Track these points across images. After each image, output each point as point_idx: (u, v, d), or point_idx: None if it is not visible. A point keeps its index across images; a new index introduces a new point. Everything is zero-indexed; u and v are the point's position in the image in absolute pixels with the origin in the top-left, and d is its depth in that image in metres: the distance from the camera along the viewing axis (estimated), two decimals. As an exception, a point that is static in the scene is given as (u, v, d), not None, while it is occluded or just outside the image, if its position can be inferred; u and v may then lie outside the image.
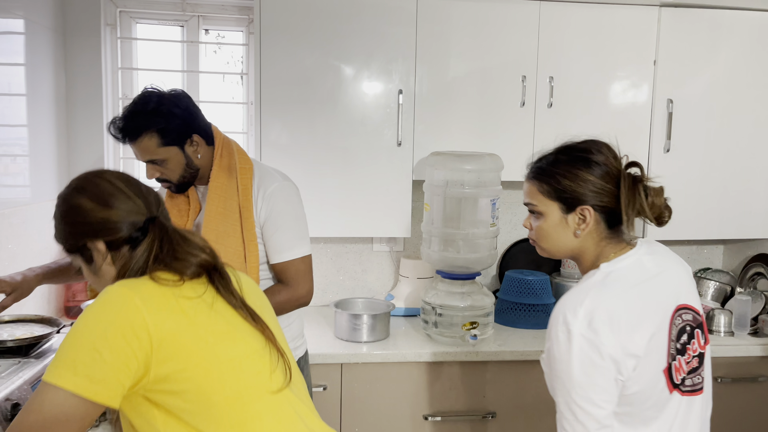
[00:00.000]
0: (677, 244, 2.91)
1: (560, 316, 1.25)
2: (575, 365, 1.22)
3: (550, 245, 1.36)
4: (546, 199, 1.33)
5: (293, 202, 1.77)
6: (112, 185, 1.08)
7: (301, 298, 1.75)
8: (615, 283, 1.27)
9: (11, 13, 2.15)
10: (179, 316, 0.99)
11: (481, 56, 2.38)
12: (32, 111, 2.29)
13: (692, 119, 2.48)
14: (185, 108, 1.67)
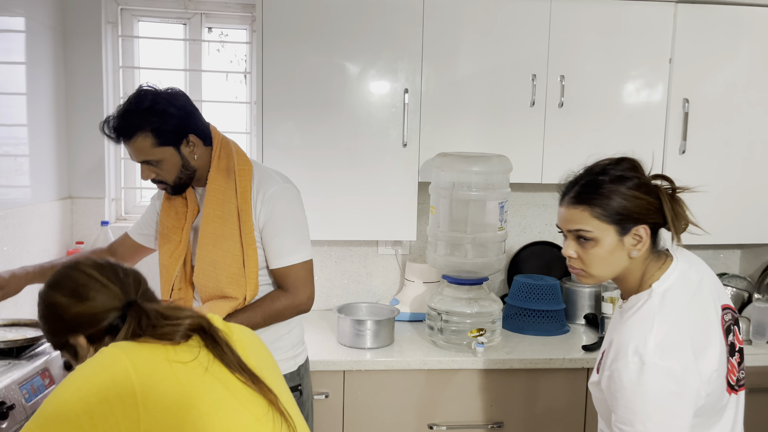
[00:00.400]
0: (692, 249, 2.81)
1: (629, 346, 1.22)
2: (651, 396, 1.19)
3: (602, 271, 1.29)
4: (601, 223, 1.26)
5: (293, 206, 1.70)
6: (85, 276, 1.06)
7: (302, 304, 1.69)
8: (673, 303, 1.26)
9: (11, 11, 2.11)
10: (172, 382, 0.94)
11: (489, 55, 2.31)
12: (32, 110, 2.25)
13: (709, 120, 2.39)
14: (181, 107, 1.61)
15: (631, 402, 1.21)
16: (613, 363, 1.24)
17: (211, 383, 0.97)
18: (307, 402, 1.79)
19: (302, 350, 1.81)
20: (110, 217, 2.55)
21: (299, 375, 1.76)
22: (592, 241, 1.27)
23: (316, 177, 2.28)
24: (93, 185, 2.51)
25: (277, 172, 1.77)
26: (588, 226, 1.27)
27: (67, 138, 2.47)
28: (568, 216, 1.30)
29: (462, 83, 2.31)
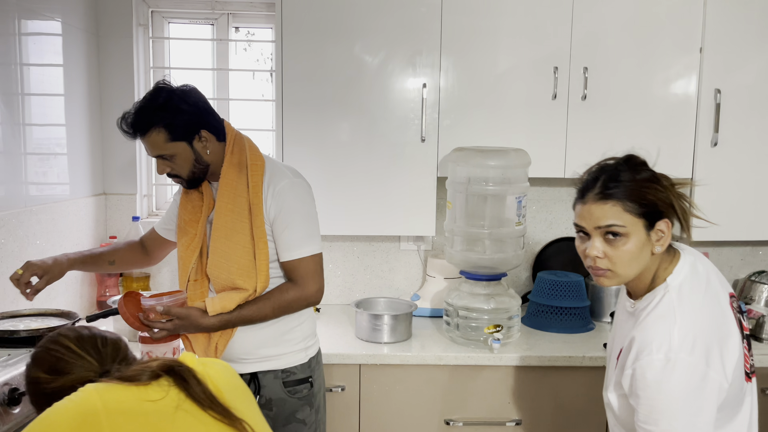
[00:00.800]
0: (728, 246, 2.71)
1: (653, 343, 1.20)
2: (677, 393, 1.18)
3: (629, 270, 1.26)
4: (632, 217, 1.24)
5: (303, 200, 1.73)
6: (64, 349, 1.10)
7: (310, 297, 1.72)
8: (691, 297, 1.24)
9: (48, 16, 2.22)
10: (140, 418, 0.97)
11: (509, 48, 2.28)
12: (69, 110, 2.36)
13: (742, 110, 2.29)
14: (193, 104, 1.66)
15: (656, 400, 1.19)
16: (636, 361, 1.22)
17: (182, 419, 1.00)
18: (318, 393, 1.81)
19: (313, 343, 1.83)
20: (141, 212, 2.65)
21: (310, 367, 1.78)
22: (623, 237, 1.24)
23: (336, 172, 2.30)
24: (125, 182, 2.61)
25: (288, 167, 1.79)
26: (620, 221, 1.23)
27: (101, 137, 2.57)
28: (598, 213, 1.25)
29: (481, 77, 2.29)
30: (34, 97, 2.14)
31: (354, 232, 2.37)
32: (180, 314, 1.64)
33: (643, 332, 1.23)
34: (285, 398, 1.73)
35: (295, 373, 1.75)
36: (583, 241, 1.30)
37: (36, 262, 1.75)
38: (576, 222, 1.31)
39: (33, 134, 2.13)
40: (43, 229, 2.11)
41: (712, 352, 1.21)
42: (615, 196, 1.24)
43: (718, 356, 1.21)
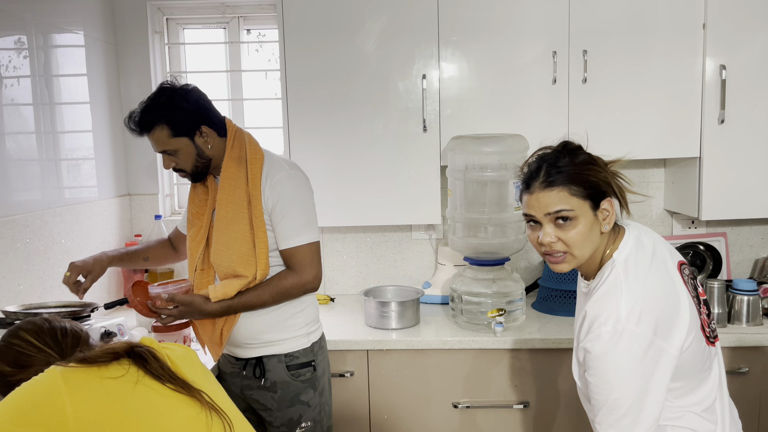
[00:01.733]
0: (747, 224, 2.66)
1: (600, 317, 1.24)
2: (626, 364, 1.22)
3: (584, 251, 1.30)
4: (579, 200, 1.28)
5: (300, 190, 1.79)
6: (25, 343, 1.16)
7: (308, 283, 1.78)
8: (636, 269, 1.28)
9: (71, 30, 2.37)
10: (102, 395, 1.04)
11: (506, 33, 2.29)
12: (95, 117, 2.51)
13: (749, 86, 2.25)
14: (194, 101, 1.75)
15: (605, 371, 1.23)
16: (587, 335, 1.26)
17: (143, 393, 1.08)
18: (322, 377, 1.87)
19: (316, 328, 1.89)
20: (164, 211, 2.78)
21: (312, 351, 1.85)
22: (573, 220, 1.28)
23: (342, 165, 2.37)
24: (148, 183, 2.75)
25: (286, 160, 1.87)
26: (568, 205, 1.27)
27: (123, 141, 2.72)
28: (545, 200, 1.29)
29: (480, 65, 2.31)
30: (64, 107, 2.30)
31: (363, 223, 2.43)
32: (184, 301, 1.74)
33: (593, 307, 1.27)
34: (289, 381, 1.81)
35: (297, 357, 1.82)
36: (534, 231, 1.33)
37: (78, 263, 1.90)
38: (525, 212, 1.34)
39: (64, 142, 2.29)
40: (67, 229, 2.25)
41: (660, 322, 1.23)
42: (559, 181, 1.28)
43: (666, 325, 1.23)
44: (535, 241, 1.33)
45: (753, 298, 2.18)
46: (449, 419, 2.19)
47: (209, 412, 1.12)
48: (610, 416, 1.24)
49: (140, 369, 1.10)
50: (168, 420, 1.07)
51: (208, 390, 1.16)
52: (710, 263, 2.56)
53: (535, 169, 1.32)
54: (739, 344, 2.11)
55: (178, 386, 1.11)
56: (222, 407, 1.16)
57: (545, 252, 1.32)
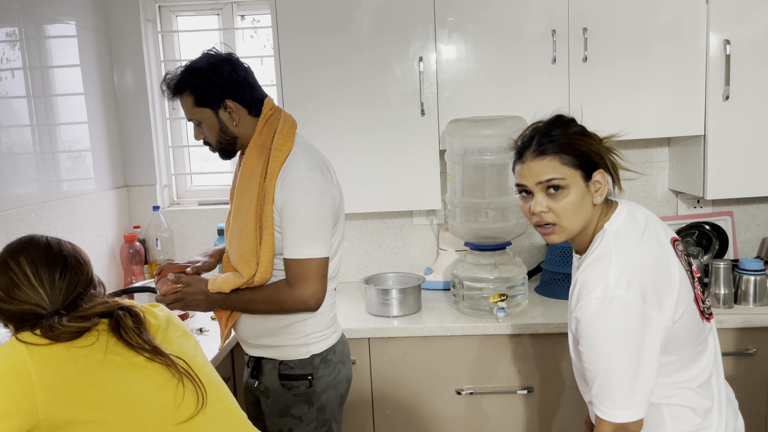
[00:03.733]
0: (754, 203, 2.61)
1: (590, 284, 1.23)
2: (616, 330, 1.21)
3: (574, 222, 1.29)
4: (570, 169, 1.27)
5: (309, 198, 1.61)
6: (20, 273, 1.13)
7: (303, 302, 1.62)
8: (627, 239, 1.27)
9: (63, 20, 2.33)
10: (68, 364, 1.03)
11: (504, 14, 2.24)
12: (90, 108, 2.48)
13: (754, 61, 2.19)
14: (226, 73, 1.64)
15: (595, 338, 1.22)
16: (577, 303, 1.25)
17: (111, 361, 1.07)
18: (322, 394, 1.70)
19: (319, 340, 1.71)
20: (162, 202, 2.76)
21: (312, 365, 1.69)
22: (564, 189, 1.27)
23: (340, 152, 2.33)
24: (146, 173, 2.72)
25: (314, 159, 1.67)
26: (560, 174, 1.27)
27: (119, 131, 2.69)
28: (537, 169, 1.28)
29: (478, 46, 2.26)
30: (59, 98, 2.27)
31: (363, 210, 2.39)
32: (187, 281, 1.69)
33: (582, 275, 1.26)
34: (279, 390, 1.69)
35: (292, 367, 1.69)
36: (526, 201, 1.33)
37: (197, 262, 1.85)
38: (517, 182, 1.34)
39: (59, 134, 2.26)
40: (63, 222, 2.23)
41: (650, 289, 1.22)
42: (551, 150, 1.28)
43: (656, 293, 1.22)
44: (527, 211, 1.33)
45: (760, 277, 2.15)
46: (453, 406, 2.18)
47: (181, 379, 1.11)
48: (604, 388, 1.23)
49: (112, 336, 1.09)
50: (135, 389, 1.07)
51: (184, 354, 1.16)
52: (716, 243, 2.52)
53: (527, 140, 1.33)
54: (747, 325, 2.07)
55: (150, 353, 1.10)
56: (197, 373, 1.15)
57: (536, 223, 1.32)
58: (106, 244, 2.52)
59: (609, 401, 1.22)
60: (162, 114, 2.77)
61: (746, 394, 2.11)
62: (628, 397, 1.21)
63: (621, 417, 1.22)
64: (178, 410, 1.10)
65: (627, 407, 1.22)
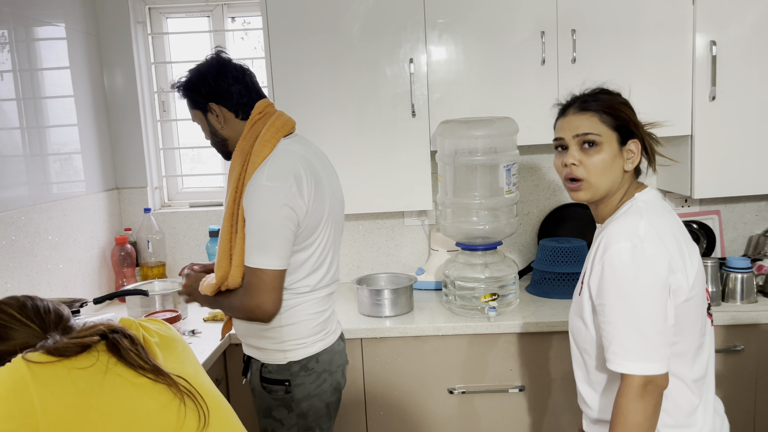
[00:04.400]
0: (741, 201, 2.64)
1: (620, 234, 1.26)
2: (644, 279, 1.22)
3: (602, 180, 1.33)
4: (607, 129, 1.33)
5: (262, 208, 1.57)
6: (8, 316, 1.15)
7: (250, 311, 1.60)
8: (657, 209, 1.32)
9: (52, 23, 2.32)
10: (69, 387, 1.03)
11: (493, 16, 2.26)
12: (80, 110, 2.47)
13: (740, 62, 2.22)
14: (207, 79, 1.66)
15: (623, 285, 1.23)
16: (605, 254, 1.26)
17: (112, 382, 1.06)
18: (303, 401, 1.70)
19: (297, 348, 1.69)
20: (153, 204, 2.75)
21: (289, 371, 1.68)
22: (598, 146, 1.32)
23: (332, 153, 2.29)
24: (136, 176, 2.71)
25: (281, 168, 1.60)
26: (596, 130, 1.32)
27: (109, 134, 2.68)
28: (576, 122, 1.34)
29: (468, 47, 2.28)
30: (48, 101, 2.26)
31: (354, 211, 2.40)
32: (190, 277, 1.77)
33: (610, 229, 1.29)
34: (261, 392, 1.71)
35: (271, 371, 1.69)
36: (560, 156, 1.39)
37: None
38: (556, 136, 1.39)
39: (49, 136, 2.25)
40: (54, 225, 2.23)
41: (675, 253, 1.25)
42: (592, 107, 1.35)
43: (679, 258, 1.26)
44: (559, 165, 1.38)
45: (747, 275, 2.17)
46: (445, 405, 2.19)
47: (183, 399, 1.11)
48: (628, 340, 1.21)
49: (112, 356, 1.09)
50: (137, 410, 1.06)
51: (185, 374, 1.16)
52: (704, 242, 2.55)
53: (573, 99, 1.41)
54: (734, 322, 2.10)
55: (151, 373, 1.10)
56: (200, 391, 1.15)
57: (566, 175, 1.36)
58: (96, 247, 2.52)
59: (634, 353, 1.20)
60: (153, 116, 2.77)
61: (734, 391, 2.14)
62: (654, 348, 1.20)
63: (649, 369, 1.20)
64: (181, 430, 1.10)
65: (654, 359, 1.20)
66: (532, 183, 2.66)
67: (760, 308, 2.12)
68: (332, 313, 1.80)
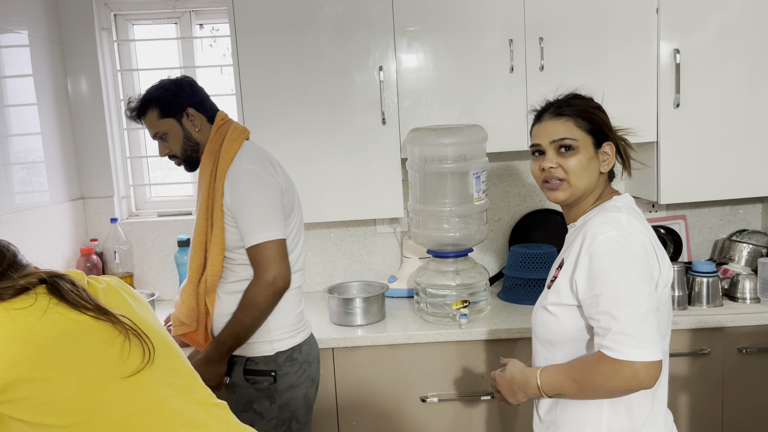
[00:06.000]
0: (706, 206, 2.69)
1: (604, 225, 1.28)
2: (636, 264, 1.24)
3: (581, 181, 1.37)
4: (583, 133, 1.38)
5: (252, 187, 1.72)
6: None
7: (271, 284, 1.69)
8: (632, 210, 1.36)
9: (15, 30, 2.27)
10: (8, 325, 1.02)
11: (462, 23, 2.27)
12: (43, 118, 2.41)
13: (703, 69, 2.26)
14: (184, 85, 1.83)
15: (616, 269, 1.24)
16: (592, 245, 1.28)
17: (52, 319, 1.06)
18: (285, 391, 1.78)
19: (284, 338, 1.79)
20: (120, 214, 2.70)
21: (276, 362, 1.77)
22: (575, 150, 1.37)
23: (302, 161, 2.32)
24: (102, 185, 2.66)
25: (257, 154, 1.78)
26: (572, 135, 1.37)
27: (74, 142, 2.63)
28: (552, 128, 1.39)
29: (437, 55, 2.29)
30: (10, 109, 2.21)
31: (326, 219, 2.38)
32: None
33: (592, 223, 1.32)
34: (243, 385, 1.77)
35: (257, 363, 1.77)
36: (537, 161, 1.42)
37: None
38: (532, 142, 1.43)
39: (11, 145, 2.20)
40: (15, 236, 2.17)
41: (650, 252, 1.29)
42: (567, 113, 1.40)
43: (655, 261, 1.30)
44: (536, 169, 1.42)
45: (713, 279, 2.21)
46: (418, 414, 2.18)
47: (128, 336, 1.11)
48: (624, 324, 1.20)
49: (52, 297, 1.08)
50: (78, 345, 1.06)
51: (132, 315, 1.16)
52: (671, 246, 2.59)
53: (548, 105, 1.46)
54: (700, 326, 2.13)
55: (93, 311, 1.10)
56: (145, 331, 1.15)
57: (545, 179, 1.40)
58: (61, 258, 2.46)
59: (633, 339, 1.19)
60: (119, 124, 2.72)
61: (701, 393, 2.17)
62: (650, 335, 1.20)
63: (647, 355, 1.19)
64: (124, 365, 1.09)
65: (651, 345, 1.19)
66: (502, 189, 2.68)
67: (725, 312, 2.16)
68: (304, 307, 1.91)
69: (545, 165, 1.38)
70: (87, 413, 1.03)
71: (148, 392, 1.10)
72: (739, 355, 2.15)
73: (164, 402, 1.11)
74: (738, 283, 2.25)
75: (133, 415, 1.07)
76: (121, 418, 1.06)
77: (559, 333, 1.35)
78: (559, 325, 1.35)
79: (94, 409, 1.03)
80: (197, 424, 1.13)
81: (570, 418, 1.36)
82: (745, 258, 2.50)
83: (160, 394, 1.11)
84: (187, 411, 1.13)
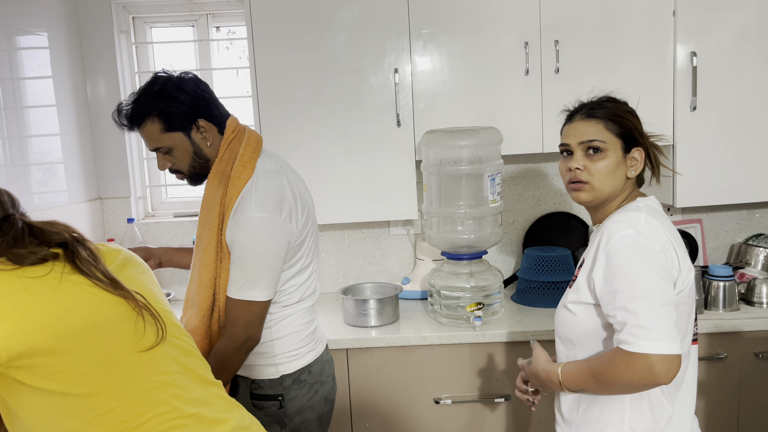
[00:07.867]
0: (722, 210, 2.67)
1: (621, 223, 1.30)
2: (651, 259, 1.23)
3: (605, 185, 1.37)
4: (612, 136, 1.37)
5: (257, 241, 1.52)
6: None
7: (241, 347, 1.54)
8: (656, 213, 1.35)
9: (35, 32, 2.31)
10: (22, 293, 1.01)
11: (478, 25, 2.27)
12: (62, 120, 2.45)
13: (720, 72, 2.25)
14: (191, 92, 1.55)
15: (634, 263, 1.24)
16: (608, 243, 1.28)
17: (68, 289, 1.05)
18: (295, 416, 1.65)
19: (289, 360, 1.65)
20: (137, 214, 2.73)
21: (282, 385, 1.64)
22: (602, 152, 1.36)
23: (317, 163, 2.34)
24: (120, 186, 2.69)
25: (267, 194, 1.55)
26: (601, 137, 1.36)
27: (92, 143, 2.66)
28: (582, 129, 1.38)
29: (452, 57, 2.29)
30: (30, 110, 2.24)
31: (340, 221, 2.40)
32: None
33: (610, 221, 1.32)
34: (251, 410, 1.63)
35: (262, 387, 1.64)
36: (565, 161, 1.42)
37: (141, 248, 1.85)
38: (562, 141, 1.43)
39: (31, 146, 2.23)
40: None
41: (671, 253, 1.28)
42: (599, 115, 1.39)
43: (676, 261, 1.29)
44: (564, 169, 1.42)
45: (729, 283, 2.20)
46: (431, 415, 2.18)
47: (140, 312, 1.11)
48: (643, 316, 1.18)
49: (67, 264, 1.07)
50: (93, 316, 1.05)
51: (144, 291, 1.16)
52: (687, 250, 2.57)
53: (581, 105, 1.45)
54: (717, 330, 2.12)
55: (108, 285, 1.09)
56: (157, 309, 1.15)
57: (570, 179, 1.40)
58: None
59: (650, 331, 1.17)
60: (136, 125, 2.74)
61: (717, 398, 2.15)
62: (667, 328, 1.18)
63: (663, 348, 1.17)
64: (140, 341, 1.10)
65: (668, 338, 1.17)
66: (517, 192, 2.68)
67: (742, 316, 2.15)
68: (318, 322, 1.79)
69: (572, 165, 1.38)
70: (104, 384, 1.04)
71: (162, 367, 1.11)
72: (756, 359, 2.13)
73: (174, 378, 1.12)
74: (755, 287, 2.23)
75: (148, 390, 1.08)
76: (136, 391, 1.07)
77: (579, 331, 1.35)
78: (577, 323, 1.35)
79: (111, 381, 1.05)
80: (202, 402, 1.15)
81: (592, 417, 1.35)
82: (761, 262, 2.48)
83: (172, 370, 1.13)
84: (193, 388, 1.15)
